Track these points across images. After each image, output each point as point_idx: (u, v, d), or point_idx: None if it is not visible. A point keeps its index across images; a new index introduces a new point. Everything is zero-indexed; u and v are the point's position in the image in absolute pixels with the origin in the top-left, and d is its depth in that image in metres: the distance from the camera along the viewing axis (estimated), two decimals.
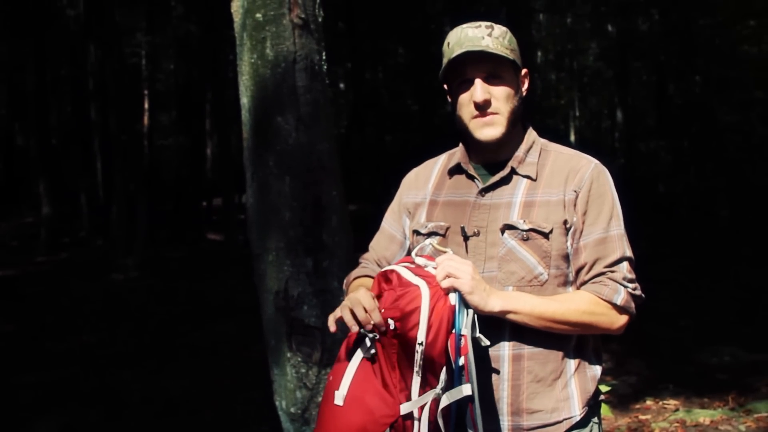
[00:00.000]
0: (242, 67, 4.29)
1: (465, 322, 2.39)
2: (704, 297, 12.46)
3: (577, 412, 2.59)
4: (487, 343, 2.42)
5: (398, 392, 2.36)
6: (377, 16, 28.33)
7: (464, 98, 2.62)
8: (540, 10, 31.93)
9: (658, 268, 13.63)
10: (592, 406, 2.65)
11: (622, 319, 2.57)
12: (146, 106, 30.14)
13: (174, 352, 10.65)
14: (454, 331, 2.37)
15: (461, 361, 2.36)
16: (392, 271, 2.45)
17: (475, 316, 2.41)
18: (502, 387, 2.55)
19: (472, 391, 2.34)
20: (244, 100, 4.30)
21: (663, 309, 10.97)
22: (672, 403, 7.59)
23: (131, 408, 8.26)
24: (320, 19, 4.34)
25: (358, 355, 2.40)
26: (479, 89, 2.57)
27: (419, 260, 2.51)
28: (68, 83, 30.93)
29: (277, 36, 4.17)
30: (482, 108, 2.59)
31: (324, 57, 4.33)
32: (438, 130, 27.93)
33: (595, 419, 2.67)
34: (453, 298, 2.40)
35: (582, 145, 3.05)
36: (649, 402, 7.68)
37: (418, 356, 2.32)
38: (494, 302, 2.44)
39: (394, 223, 2.88)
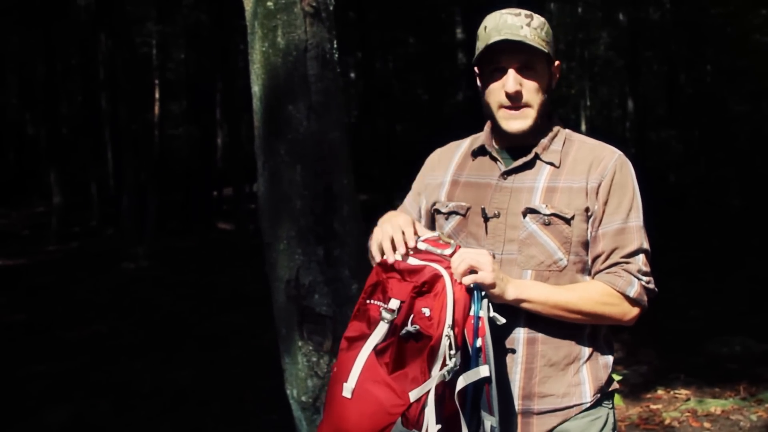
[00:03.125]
0: (253, 55, 4.28)
1: (481, 304, 2.39)
2: (715, 287, 12.44)
3: (588, 398, 2.61)
4: (503, 321, 2.42)
5: (421, 382, 2.34)
6: (388, 5, 28.29)
7: (495, 86, 2.62)
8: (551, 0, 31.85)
9: (668, 259, 13.60)
10: (605, 394, 2.66)
11: (634, 311, 2.58)
12: (156, 95, 30.15)
13: (184, 342, 10.66)
14: (471, 313, 2.38)
15: (478, 342, 2.37)
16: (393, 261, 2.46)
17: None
18: (515, 370, 2.57)
19: (490, 373, 2.35)
20: (256, 89, 4.29)
21: (674, 299, 10.95)
22: (683, 392, 7.59)
23: (141, 398, 8.27)
24: (331, 8, 4.33)
25: (369, 346, 2.38)
26: (512, 80, 2.57)
27: (422, 245, 2.51)
28: (78, 73, 31.01)
29: (288, 24, 4.16)
30: (513, 99, 2.59)
31: (335, 45, 4.32)
32: (448, 120, 27.90)
33: (609, 406, 2.68)
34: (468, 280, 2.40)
35: (593, 135, 3.05)
36: (660, 392, 7.67)
37: (447, 341, 2.32)
38: (510, 291, 2.45)
39: (412, 202, 2.91)
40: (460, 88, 22.72)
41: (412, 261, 2.43)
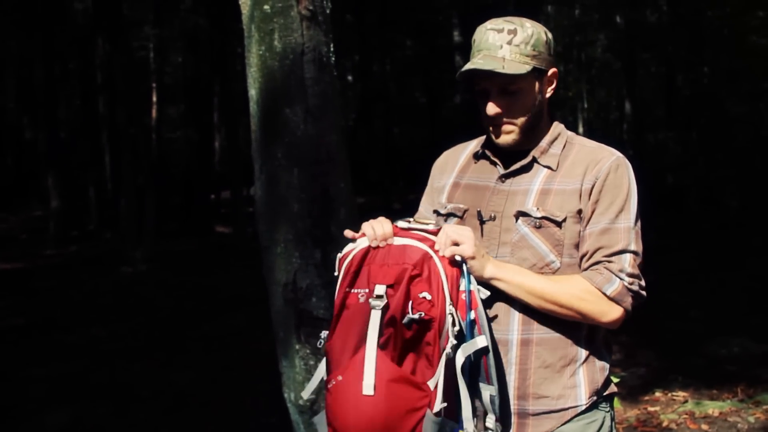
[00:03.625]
0: (250, 59, 4.29)
1: (471, 278, 2.43)
2: (714, 288, 12.44)
3: (583, 401, 2.60)
4: (487, 293, 2.47)
5: (435, 366, 2.35)
6: (385, 8, 28.30)
7: (481, 105, 2.64)
8: (548, 2, 31.85)
9: (667, 260, 13.61)
10: (602, 398, 2.66)
11: (615, 312, 2.54)
12: (154, 99, 30.15)
13: (183, 344, 10.67)
14: (461, 288, 2.40)
15: (472, 315, 2.39)
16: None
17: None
18: (509, 371, 2.57)
19: (487, 342, 2.38)
20: (253, 92, 4.30)
21: (672, 300, 10.97)
22: (681, 394, 7.59)
23: (141, 401, 8.28)
24: (328, 11, 4.34)
25: (371, 341, 2.35)
26: (490, 106, 2.60)
27: (402, 224, 2.51)
28: (76, 77, 30.96)
29: (285, 28, 4.16)
30: (494, 120, 2.61)
31: (332, 49, 4.33)
32: (446, 123, 27.90)
33: (606, 409, 2.68)
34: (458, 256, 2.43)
35: (591, 137, 3.03)
36: (658, 394, 7.67)
37: (451, 318, 2.33)
38: (489, 268, 2.47)
39: (428, 207, 2.90)
40: (458, 91, 22.73)
41: (396, 240, 2.43)
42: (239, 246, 20.59)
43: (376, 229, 2.45)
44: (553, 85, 2.71)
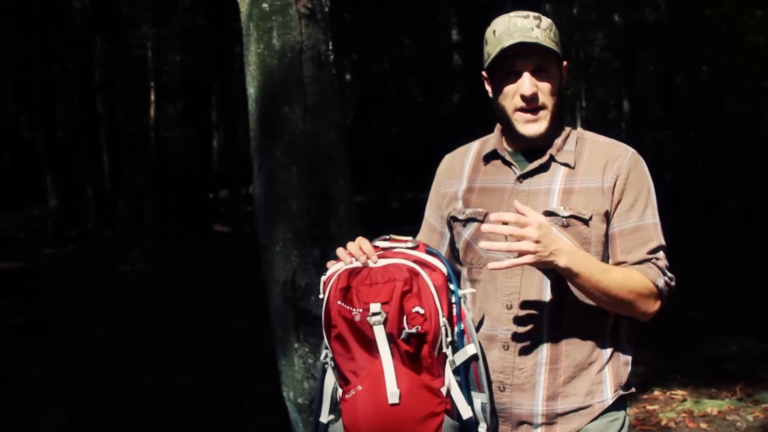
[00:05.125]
0: (249, 57, 4.29)
1: (458, 290, 2.48)
2: (712, 287, 12.44)
3: (609, 395, 2.63)
4: (473, 290, 2.58)
5: (440, 375, 2.40)
6: (384, 7, 28.28)
7: (510, 89, 2.61)
8: (546, 0, 31.84)
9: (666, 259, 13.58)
10: (623, 397, 2.69)
11: (655, 306, 2.62)
12: (153, 98, 30.07)
13: (182, 344, 10.66)
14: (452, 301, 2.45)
15: (461, 325, 2.44)
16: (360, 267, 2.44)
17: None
18: (539, 371, 2.59)
19: (476, 350, 2.43)
20: (251, 91, 4.30)
21: (671, 300, 10.95)
22: (680, 393, 7.59)
23: (140, 401, 8.27)
24: (327, 9, 4.34)
25: (385, 352, 2.37)
26: (527, 82, 2.57)
27: (381, 243, 2.52)
28: (75, 76, 30.93)
29: (283, 26, 4.16)
30: (530, 101, 2.58)
31: (331, 47, 4.32)
32: (445, 122, 27.89)
33: (627, 410, 2.71)
34: (444, 269, 2.46)
35: None
36: (657, 392, 7.67)
37: (444, 330, 2.38)
38: (563, 260, 2.43)
39: (433, 214, 2.89)
40: (456, 90, 22.74)
41: (380, 261, 2.44)
42: (238, 245, 20.59)
43: (356, 248, 2.46)
44: (566, 79, 2.73)
